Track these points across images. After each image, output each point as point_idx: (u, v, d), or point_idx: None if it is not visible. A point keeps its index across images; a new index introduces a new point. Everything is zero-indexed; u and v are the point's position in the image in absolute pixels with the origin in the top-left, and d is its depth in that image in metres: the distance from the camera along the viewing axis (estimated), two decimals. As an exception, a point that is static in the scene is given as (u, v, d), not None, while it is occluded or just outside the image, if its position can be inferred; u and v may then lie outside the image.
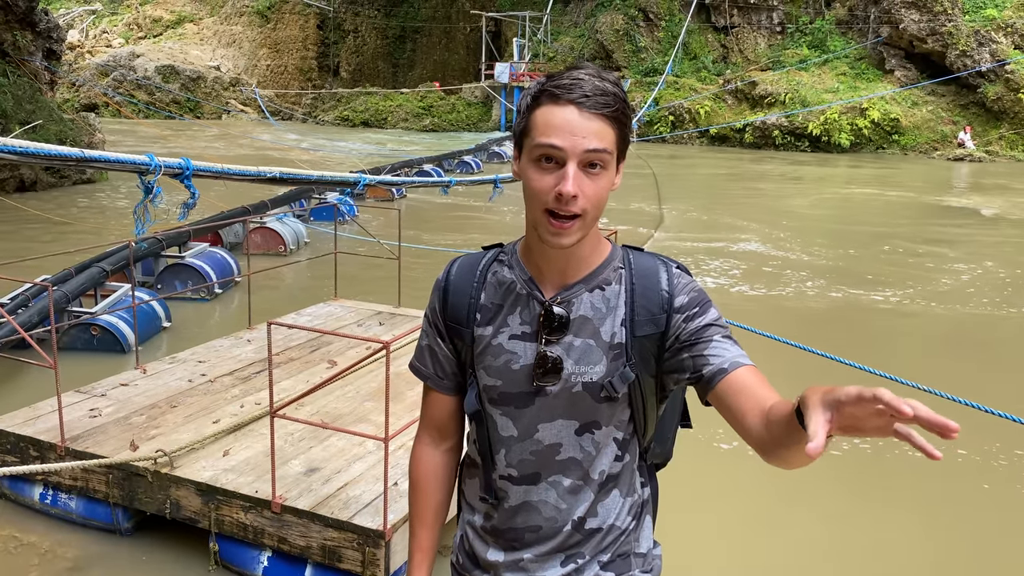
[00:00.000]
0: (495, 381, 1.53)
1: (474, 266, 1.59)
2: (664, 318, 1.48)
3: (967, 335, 7.90)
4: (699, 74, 33.05)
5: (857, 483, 4.74)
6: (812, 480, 4.72)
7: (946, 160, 26.57)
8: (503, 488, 1.57)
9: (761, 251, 11.57)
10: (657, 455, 1.68)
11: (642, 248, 1.59)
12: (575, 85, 1.35)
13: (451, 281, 1.60)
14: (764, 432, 1.26)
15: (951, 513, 4.45)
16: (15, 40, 16.20)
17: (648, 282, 1.50)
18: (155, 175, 4.35)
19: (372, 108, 38.25)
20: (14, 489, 4.04)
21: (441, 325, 1.60)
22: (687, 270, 1.60)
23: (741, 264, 10.67)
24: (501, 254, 1.59)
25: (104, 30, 46.23)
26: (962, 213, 15.96)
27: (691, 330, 1.45)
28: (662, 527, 1.74)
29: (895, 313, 8.54)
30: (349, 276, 8.09)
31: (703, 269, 10.25)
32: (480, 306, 1.56)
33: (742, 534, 4.14)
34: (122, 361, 6.15)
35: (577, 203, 1.36)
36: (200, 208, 5.88)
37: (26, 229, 11.29)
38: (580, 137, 1.34)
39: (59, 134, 14.98)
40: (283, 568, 3.44)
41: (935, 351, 7.55)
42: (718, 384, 1.37)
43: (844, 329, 7.95)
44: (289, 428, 4.00)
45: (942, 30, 28.36)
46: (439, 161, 19.80)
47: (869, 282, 9.77)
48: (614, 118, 1.36)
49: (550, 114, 1.36)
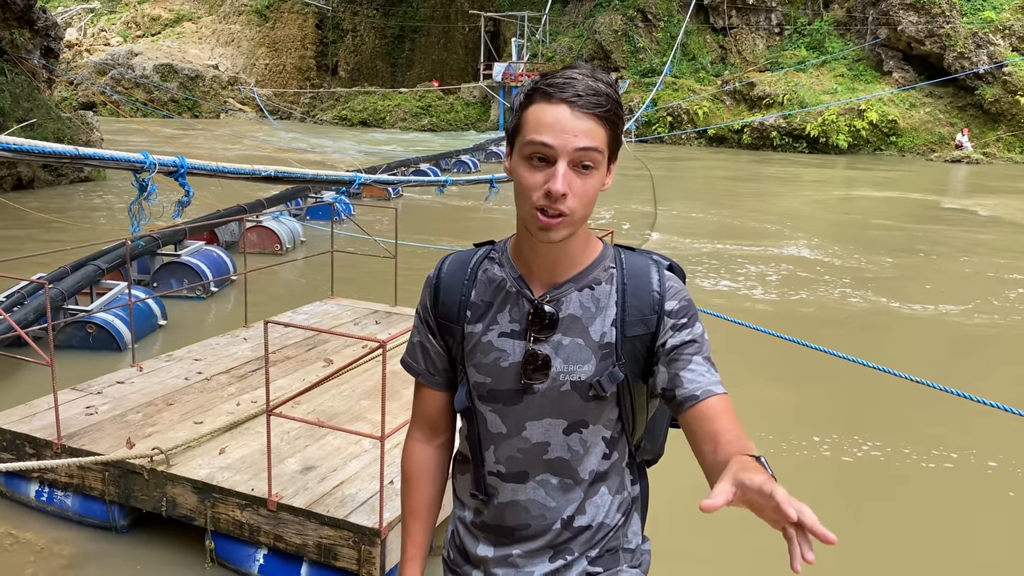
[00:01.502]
0: (485, 378, 1.54)
1: (465, 263, 1.60)
2: (655, 319, 1.48)
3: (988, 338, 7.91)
4: (697, 75, 33.09)
5: (867, 488, 4.75)
6: (811, 480, 4.73)
7: (944, 162, 26.63)
8: (492, 485, 1.58)
9: (767, 253, 11.58)
10: (648, 452, 1.70)
11: (634, 248, 1.60)
12: (568, 84, 1.35)
13: (442, 278, 1.60)
14: (709, 463, 1.34)
15: (960, 516, 4.46)
16: (13, 38, 16.18)
17: (640, 282, 1.50)
18: (150, 173, 4.34)
19: (370, 107, 38.24)
20: (10, 486, 4.04)
21: (432, 322, 1.61)
22: (681, 270, 1.60)
23: (750, 266, 10.68)
24: (492, 251, 1.59)
25: (102, 28, 46.19)
26: (973, 216, 15.96)
27: (675, 343, 1.46)
28: (653, 523, 1.75)
29: (909, 316, 8.55)
30: (345, 275, 8.09)
31: (710, 269, 10.26)
32: (470, 303, 1.56)
33: (733, 530, 4.14)
34: (118, 359, 6.15)
35: (566, 202, 1.36)
36: (196, 207, 5.88)
37: (23, 227, 11.28)
38: (571, 135, 1.34)
39: (57, 132, 14.97)
40: (279, 566, 3.44)
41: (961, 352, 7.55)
42: (687, 410, 1.41)
43: (872, 333, 7.92)
44: (285, 426, 4.01)
45: (940, 32, 28.41)
46: (436, 160, 19.80)
47: (885, 284, 9.78)
48: (606, 118, 1.37)
49: (542, 112, 1.36)
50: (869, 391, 6.09)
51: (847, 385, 6.22)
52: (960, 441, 5.23)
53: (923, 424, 5.55)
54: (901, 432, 5.38)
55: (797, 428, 5.37)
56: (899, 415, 5.69)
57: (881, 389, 5.99)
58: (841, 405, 5.97)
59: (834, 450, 5.09)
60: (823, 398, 6.09)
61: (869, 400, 5.99)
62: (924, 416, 5.65)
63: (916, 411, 5.70)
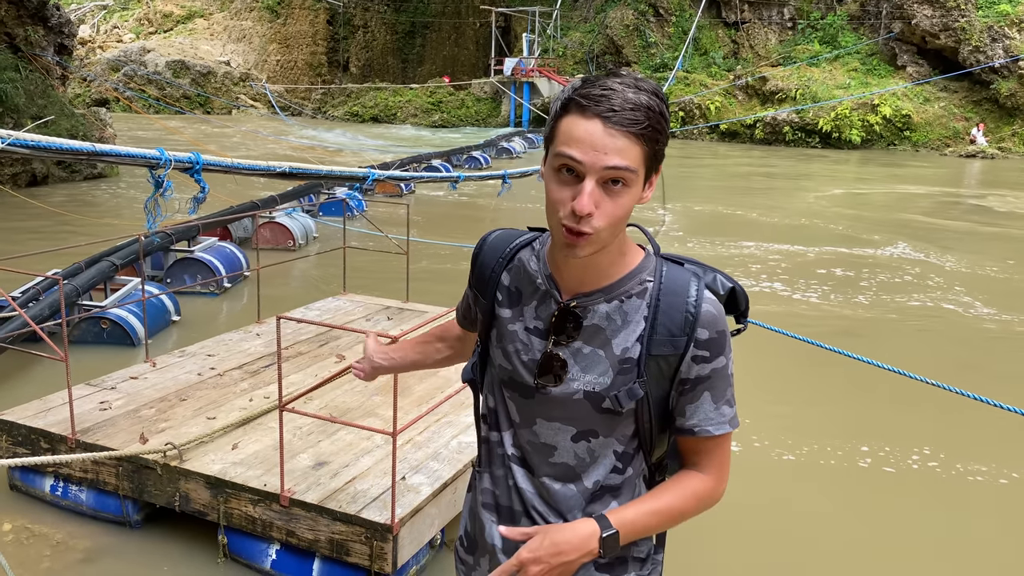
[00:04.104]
0: (507, 365, 1.55)
1: (507, 243, 1.61)
2: (684, 341, 1.43)
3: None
4: (709, 69, 32.95)
5: (892, 500, 4.72)
6: (838, 495, 4.71)
7: (958, 157, 26.40)
8: (510, 466, 1.60)
9: (785, 249, 11.52)
10: (671, 471, 1.64)
11: (683, 261, 1.51)
12: (604, 97, 1.30)
13: (484, 250, 1.63)
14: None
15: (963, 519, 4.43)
16: (27, 35, 16.28)
17: (675, 300, 1.44)
18: (165, 169, 4.37)
19: (381, 103, 38.28)
20: (25, 481, 4.07)
21: (472, 284, 1.66)
22: (744, 295, 1.53)
23: (767, 263, 10.64)
24: (536, 241, 1.59)
25: (115, 25, 46.43)
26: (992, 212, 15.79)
27: (691, 376, 1.46)
28: (671, 536, 1.72)
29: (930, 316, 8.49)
30: (357, 271, 8.10)
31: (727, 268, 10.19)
32: (500, 285, 1.58)
33: (755, 544, 4.12)
34: (132, 354, 6.18)
35: (591, 221, 1.32)
36: (209, 203, 5.90)
37: (37, 223, 11.36)
38: (601, 153, 1.29)
39: (71, 129, 15.06)
40: (291, 561, 3.46)
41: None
42: (677, 437, 1.55)
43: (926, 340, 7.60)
44: (298, 422, 4.02)
45: (955, 25, 28.17)
46: (447, 156, 19.81)
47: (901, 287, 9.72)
48: (642, 135, 1.31)
49: (574, 125, 1.32)
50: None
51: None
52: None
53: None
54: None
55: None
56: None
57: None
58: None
59: (888, 464, 5.05)
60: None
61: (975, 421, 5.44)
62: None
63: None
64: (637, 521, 1.46)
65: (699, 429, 1.47)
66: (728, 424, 1.49)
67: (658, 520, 1.49)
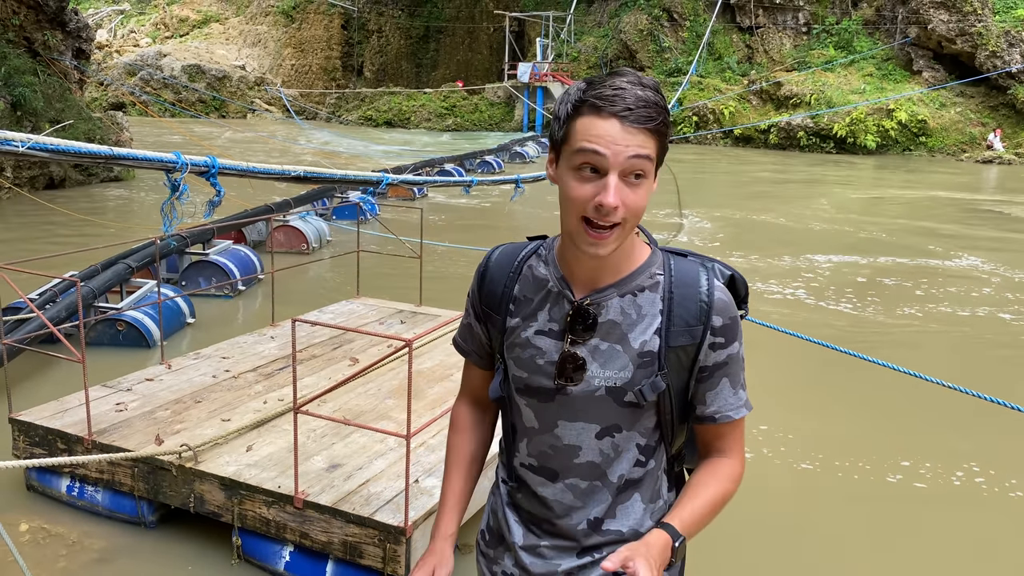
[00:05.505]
0: (522, 372, 1.56)
1: (513, 256, 1.62)
2: (700, 330, 1.48)
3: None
4: (723, 74, 32.86)
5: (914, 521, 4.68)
6: (846, 491, 4.69)
7: (974, 163, 26.20)
8: (523, 476, 1.61)
9: (810, 259, 11.47)
10: (689, 461, 1.69)
11: (686, 253, 1.57)
12: (617, 96, 1.35)
13: (489, 268, 1.64)
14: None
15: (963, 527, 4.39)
16: (45, 39, 16.45)
17: (688, 291, 1.50)
18: (182, 173, 4.40)
19: (395, 108, 38.38)
20: (42, 481, 4.11)
21: (478, 308, 1.65)
22: (744, 283, 1.60)
23: (785, 272, 10.60)
24: (541, 248, 1.61)
25: (132, 30, 46.83)
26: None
27: (709, 363, 1.50)
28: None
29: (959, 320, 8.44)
30: (371, 274, 8.13)
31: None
32: (513, 297, 1.58)
33: (773, 540, 4.11)
34: (147, 356, 6.23)
35: (618, 213, 1.36)
36: (224, 206, 5.94)
37: (54, 226, 11.46)
38: (623, 146, 1.34)
39: (88, 133, 15.19)
40: (305, 563, 3.47)
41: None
42: (700, 424, 1.57)
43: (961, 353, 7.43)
44: (312, 424, 4.04)
45: (971, 30, 27.98)
46: (460, 160, 19.84)
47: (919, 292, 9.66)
48: (656, 130, 1.37)
49: (592, 125, 1.36)
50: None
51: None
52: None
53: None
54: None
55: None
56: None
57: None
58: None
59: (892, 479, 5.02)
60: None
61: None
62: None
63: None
64: (696, 520, 1.51)
65: (720, 415, 1.53)
66: (744, 407, 1.55)
67: (712, 511, 1.54)
